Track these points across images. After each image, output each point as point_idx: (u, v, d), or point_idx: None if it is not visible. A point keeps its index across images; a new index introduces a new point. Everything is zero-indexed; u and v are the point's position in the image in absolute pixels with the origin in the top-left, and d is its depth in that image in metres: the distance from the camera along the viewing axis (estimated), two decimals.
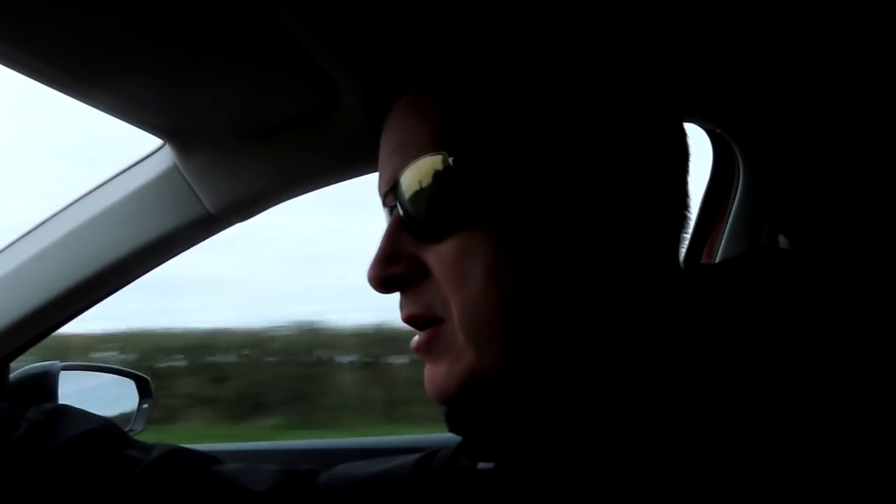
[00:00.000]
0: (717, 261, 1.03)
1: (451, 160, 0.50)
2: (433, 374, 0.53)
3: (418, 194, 0.52)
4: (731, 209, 1.02)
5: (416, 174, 0.52)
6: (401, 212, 0.53)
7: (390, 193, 0.55)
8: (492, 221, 0.50)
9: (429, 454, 0.78)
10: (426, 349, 0.54)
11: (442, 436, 1.23)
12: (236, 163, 0.87)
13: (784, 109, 0.95)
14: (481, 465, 0.61)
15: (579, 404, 0.49)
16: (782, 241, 0.97)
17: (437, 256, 0.51)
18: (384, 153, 0.56)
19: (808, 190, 0.97)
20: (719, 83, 0.92)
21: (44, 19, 0.59)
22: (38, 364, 1.01)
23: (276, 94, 0.79)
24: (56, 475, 0.70)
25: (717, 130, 1.01)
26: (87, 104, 0.74)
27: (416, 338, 0.54)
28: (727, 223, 1.03)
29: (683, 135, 0.56)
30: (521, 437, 0.51)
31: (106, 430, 0.74)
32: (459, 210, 0.50)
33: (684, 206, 0.55)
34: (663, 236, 0.54)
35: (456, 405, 0.53)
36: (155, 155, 0.89)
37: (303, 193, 0.92)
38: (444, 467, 0.75)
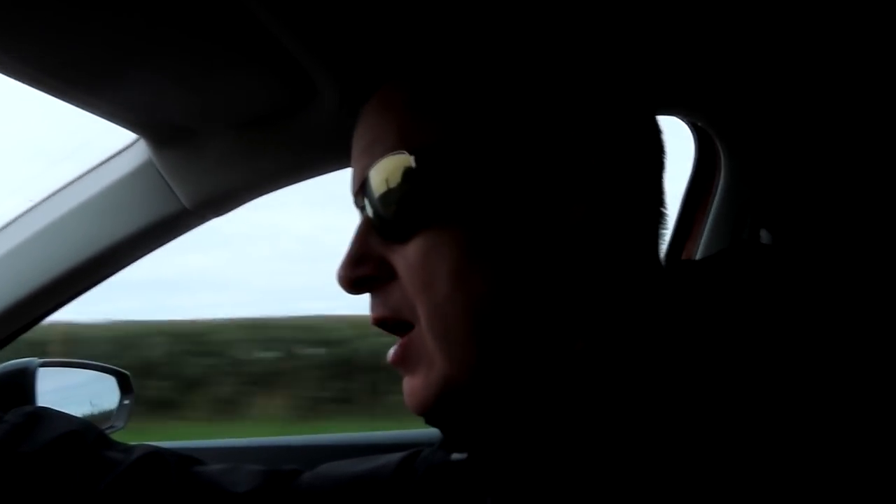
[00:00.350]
0: (698, 256, 1.03)
1: (413, 160, 0.50)
2: (410, 387, 0.53)
3: (384, 195, 0.51)
4: (713, 204, 1.02)
5: (381, 174, 0.51)
6: (369, 212, 0.53)
7: (359, 193, 0.54)
8: (456, 222, 0.49)
9: (412, 453, 0.78)
10: (401, 362, 0.53)
11: (424, 431, 1.23)
12: (211, 157, 0.86)
13: (767, 103, 0.95)
14: (455, 455, 0.60)
15: (555, 398, 0.48)
16: (764, 235, 0.97)
17: (403, 258, 0.51)
18: (355, 152, 0.56)
19: (791, 184, 0.97)
20: (702, 77, 0.91)
21: (18, 16, 0.58)
22: (16, 361, 1.00)
23: (252, 89, 0.78)
24: (35, 477, 0.69)
25: (700, 124, 1.00)
26: (63, 100, 0.73)
27: (391, 351, 0.54)
28: (708, 218, 1.03)
29: (656, 130, 0.55)
30: (499, 430, 0.51)
31: (85, 432, 0.74)
32: (422, 210, 0.50)
33: (659, 201, 0.55)
34: (636, 231, 0.53)
35: (436, 415, 0.52)
36: (130, 149, 0.88)
37: (278, 189, 0.91)
38: (427, 467, 0.74)
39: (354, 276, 0.53)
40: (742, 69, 0.90)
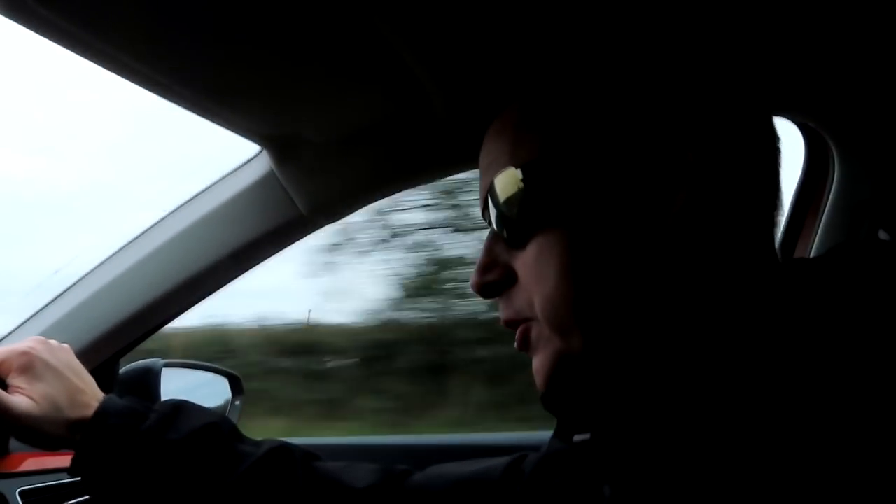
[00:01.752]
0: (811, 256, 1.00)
1: (520, 173, 0.57)
2: (535, 366, 0.59)
3: (501, 207, 0.58)
4: (825, 206, 0.99)
5: (498, 190, 0.59)
6: (493, 224, 0.60)
7: (484, 209, 0.62)
8: (562, 225, 0.55)
9: (520, 456, 0.79)
10: (523, 346, 0.60)
11: (535, 434, 1.24)
12: (329, 167, 0.91)
13: (880, 100, 0.92)
14: (577, 437, 0.62)
15: (660, 382, 0.50)
16: (882, 236, 0.93)
17: (523, 261, 0.57)
18: (480, 174, 0.63)
19: None
20: (809, 76, 0.89)
21: (157, 31, 0.63)
22: (143, 361, 1.08)
23: (368, 102, 0.82)
24: (180, 462, 0.75)
25: (810, 124, 0.98)
26: (195, 112, 0.79)
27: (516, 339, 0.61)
28: (821, 219, 1.00)
29: (765, 129, 0.57)
30: (611, 412, 0.53)
31: (222, 425, 0.79)
32: (533, 217, 0.57)
33: (771, 198, 0.57)
34: (743, 225, 0.55)
35: (559, 389, 0.57)
36: (253, 161, 0.93)
37: (389, 195, 0.95)
38: (534, 468, 0.76)
39: (483, 281, 0.60)
40: (852, 67, 0.87)
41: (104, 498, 0.80)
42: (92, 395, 0.76)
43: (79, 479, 0.74)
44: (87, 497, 0.95)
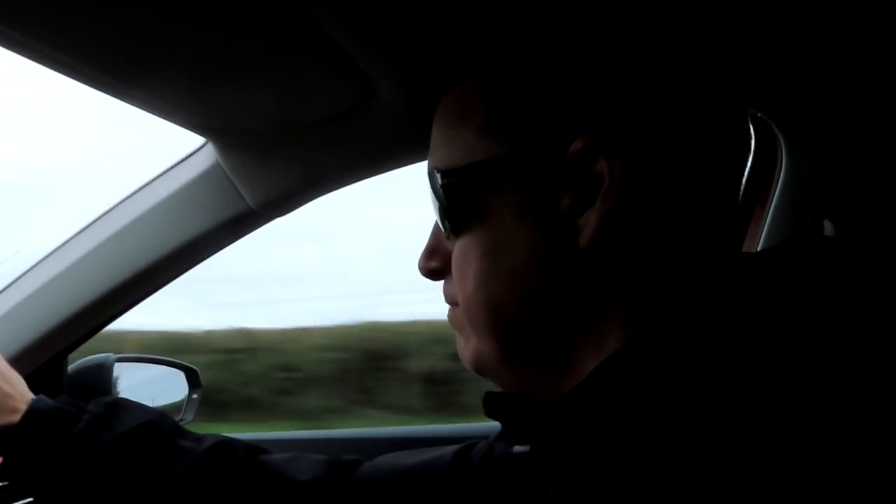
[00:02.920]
0: (759, 248, 1.01)
1: (440, 175, 0.54)
2: (458, 347, 0.59)
3: (434, 201, 0.56)
4: (773, 196, 1.00)
5: (430, 183, 0.57)
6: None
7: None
8: (480, 229, 0.53)
9: (468, 445, 0.79)
10: (452, 324, 0.59)
11: (484, 425, 1.25)
12: (276, 159, 0.89)
13: (827, 91, 0.93)
14: (517, 448, 0.62)
15: (603, 392, 0.49)
16: (828, 227, 0.95)
17: (453, 256, 0.56)
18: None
19: (854, 174, 0.95)
20: (757, 66, 0.90)
21: (88, 23, 0.62)
22: (94, 356, 1.06)
23: (313, 92, 0.81)
24: (114, 464, 0.73)
25: (759, 115, 0.98)
26: (132, 105, 0.77)
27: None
28: (769, 209, 1.01)
29: (700, 121, 0.51)
30: (555, 421, 0.51)
31: (161, 422, 0.78)
32: (456, 218, 0.54)
33: (710, 192, 0.52)
34: (671, 226, 0.50)
35: (498, 397, 0.56)
36: (198, 153, 0.92)
37: (339, 188, 0.94)
38: (482, 458, 0.76)
39: (426, 266, 0.60)
40: (799, 57, 0.88)
41: (45, 500, 0.79)
42: (20, 398, 0.74)
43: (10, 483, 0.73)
44: (31, 500, 0.94)
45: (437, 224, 0.58)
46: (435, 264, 0.59)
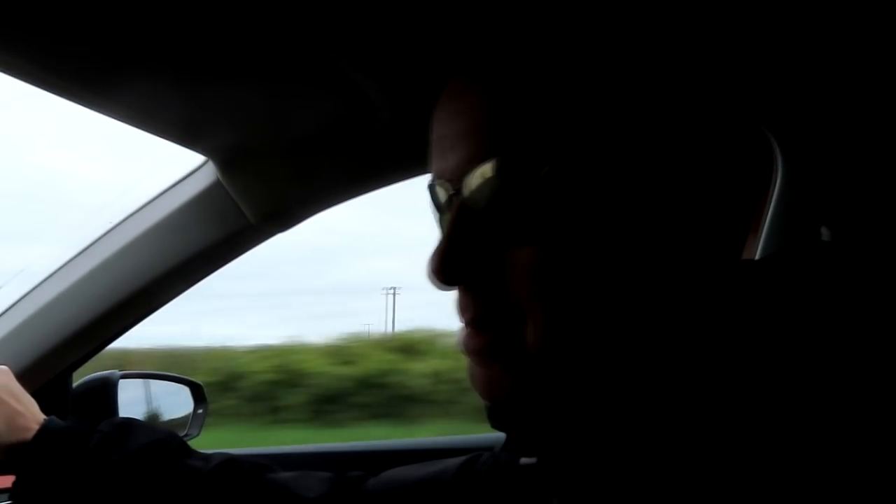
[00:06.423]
0: (757, 256, 1.01)
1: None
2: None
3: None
4: (770, 203, 1.00)
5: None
6: None
7: None
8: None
9: (473, 457, 0.80)
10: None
11: (487, 436, 1.25)
12: (276, 175, 0.90)
13: (823, 100, 0.93)
14: (523, 460, 0.61)
15: (616, 399, 0.49)
16: (825, 233, 0.95)
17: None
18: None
19: (851, 181, 0.95)
20: (753, 74, 0.90)
21: (78, 42, 0.63)
22: (99, 373, 1.07)
23: (310, 108, 0.82)
24: (125, 482, 0.74)
25: (755, 123, 0.99)
26: (131, 125, 0.78)
27: None
28: (766, 217, 1.01)
29: (694, 134, 0.49)
30: (562, 432, 0.51)
31: (170, 441, 0.79)
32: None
33: (711, 205, 0.50)
34: (682, 236, 0.49)
35: (504, 408, 0.53)
36: (199, 171, 0.93)
37: (340, 202, 0.95)
38: (489, 469, 0.76)
39: None
40: (795, 67, 0.89)
41: None
42: (32, 417, 0.75)
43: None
44: None
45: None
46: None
